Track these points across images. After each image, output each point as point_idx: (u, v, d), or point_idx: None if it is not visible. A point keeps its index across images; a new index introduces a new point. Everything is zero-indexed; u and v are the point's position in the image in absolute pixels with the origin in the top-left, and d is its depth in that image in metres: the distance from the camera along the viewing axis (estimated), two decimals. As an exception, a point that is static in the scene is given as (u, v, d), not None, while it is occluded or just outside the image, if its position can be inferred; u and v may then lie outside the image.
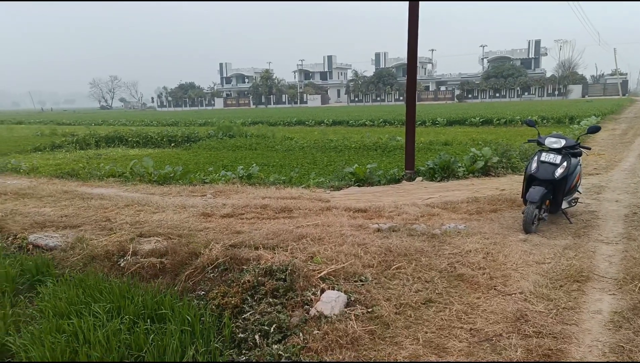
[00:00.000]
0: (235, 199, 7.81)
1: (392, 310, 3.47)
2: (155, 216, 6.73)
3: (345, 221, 6.02)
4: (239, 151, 16.29)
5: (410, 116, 9.45)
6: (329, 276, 4.07)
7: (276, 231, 5.48)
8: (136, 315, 3.68)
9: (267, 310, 3.62)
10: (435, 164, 9.37)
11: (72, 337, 3.33)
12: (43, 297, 4.14)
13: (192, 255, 4.88)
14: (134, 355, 3.16)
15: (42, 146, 19.14)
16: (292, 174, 10.30)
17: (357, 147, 15.65)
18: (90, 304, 3.85)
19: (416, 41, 9.14)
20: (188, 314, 3.60)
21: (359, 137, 19.20)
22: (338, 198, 7.97)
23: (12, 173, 11.98)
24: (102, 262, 5.06)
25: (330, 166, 12.07)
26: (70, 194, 8.57)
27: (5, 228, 6.36)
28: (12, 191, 8.95)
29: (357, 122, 30.82)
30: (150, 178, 10.27)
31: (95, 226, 6.32)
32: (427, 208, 6.61)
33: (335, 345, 3.02)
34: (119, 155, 16.46)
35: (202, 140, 19.96)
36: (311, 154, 14.47)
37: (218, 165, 12.44)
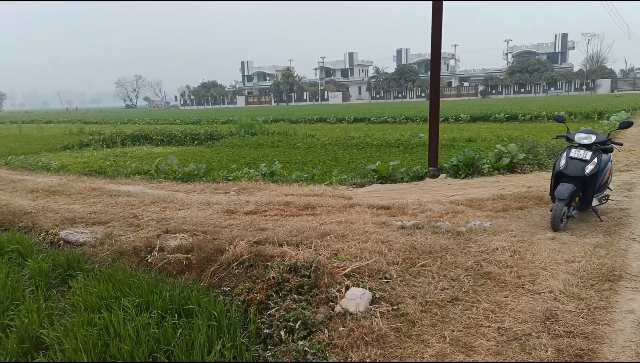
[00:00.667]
0: (258, 197, 7.86)
1: (417, 307, 3.44)
2: (180, 213, 6.83)
3: (368, 219, 6.00)
4: (261, 148, 16.39)
5: (434, 112, 9.34)
6: (353, 273, 4.06)
7: (300, 228, 5.49)
8: (164, 310, 3.75)
9: (292, 306, 3.64)
10: (459, 161, 9.25)
11: (103, 331, 3.41)
12: (74, 291, 4.25)
13: (217, 251, 4.93)
14: (163, 348, 3.21)
15: (70, 145, 19.63)
16: (315, 172, 10.31)
17: (379, 144, 15.56)
18: (119, 298, 3.94)
19: (440, 41, 9.03)
20: (214, 309, 3.64)
21: (380, 134, 19.10)
22: (361, 195, 7.95)
23: (42, 170, 12.33)
24: (130, 258, 5.17)
25: (352, 163, 12.04)
26: (98, 192, 8.76)
27: (38, 224, 6.55)
28: (43, 188, 9.20)
29: (378, 119, 30.65)
30: (174, 175, 10.42)
31: (123, 223, 6.44)
32: (452, 206, 6.53)
33: (360, 342, 3.02)
34: (144, 153, 16.76)
35: (224, 138, 20.15)
36: (333, 152, 14.45)
37: (241, 162, 12.54)
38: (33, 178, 10.94)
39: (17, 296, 4.17)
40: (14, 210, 7.28)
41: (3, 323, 3.75)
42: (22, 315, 3.78)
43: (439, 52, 9.13)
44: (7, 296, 4.10)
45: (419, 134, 17.00)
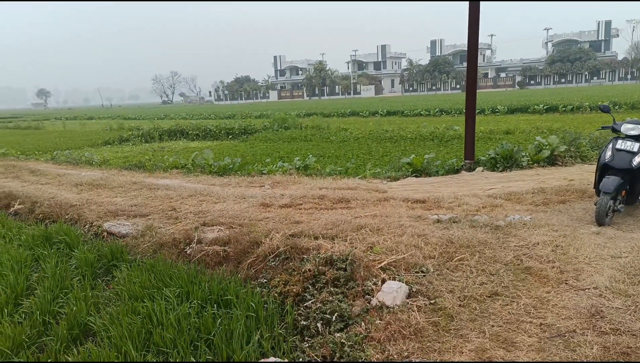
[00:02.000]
0: (292, 190, 7.92)
1: (455, 302, 3.39)
2: (217, 206, 6.96)
3: (403, 212, 5.95)
4: (295, 142, 16.48)
5: (470, 104, 9.14)
6: (389, 266, 4.04)
7: (335, 222, 5.50)
8: (203, 300, 3.84)
9: (329, 298, 3.66)
10: (496, 154, 9.03)
11: (146, 319, 3.53)
12: (118, 281, 4.41)
13: (253, 243, 5.00)
14: (203, 337, 3.30)
15: (111, 140, 20.31)
16: (348, 165, 10.30)
17: (413, 137, 15.39)
18: (161, 288, 4.06)
19: (477, 39, 8.84)
20: (252, 300, 3.70)
21: (414, 127, 18.86)
22: (395, 188, 7.89)
23: (85, 165, 12.81)
24: (169, 249, 5.31)
25: (386, 156, 11.95)
26: (138, 185, 9.03)
27: (83, 216, 6.81)
28: (87, 182, 9.56)
29: (412, 112, 30.28)
30: (210, 169, 10.62)
31: (162, 215, 6.62)
32: (489, 199, 6.40)
33: (398, 336, 3.01)
34: (181, 147, 17.14)
35: (258, 132, 20.38)
36: (366, 145, 14.39)
37: (275, 156, 12.66)
38: (77, 172, 11.38)
39: (66, 285, 4.36)
40: (60, 203, 7.60)
41: (53, 310, 3.94)
42: (71, 302, 3.96)
43: (475, 51, 8.93)
44: (56, 285, 4.30)
45: (454, 127, 16.70)
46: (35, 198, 8.17)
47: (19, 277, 4.48)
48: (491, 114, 26.11)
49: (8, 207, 8.14)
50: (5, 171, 11.88)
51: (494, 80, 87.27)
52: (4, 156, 15.50)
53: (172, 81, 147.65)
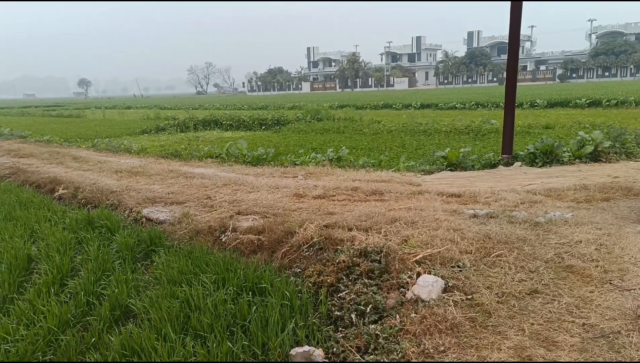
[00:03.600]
0: (325, 181, 7.92)
1: (493, 298, 3.33)
2: (250, 196, 7.04)
3: (438, 206, 5.86)
4: (327, 134, 16.46)
5: (510, 96, 8.89)
6: (424, 260, 4.00)
7: (368, 214, 5.47)
8: (239, 287, 3.90)
9: (363, 290, 3.66)
10: (536, 149, 8.76)
11: (184, 303, 3.62)
12: (157, 266, 4.53)
13: (287, 233, 5.04)
14: (239, 323, 3.36)
15: (148, 129, 20.81)
16: (382, 158, 10.22)
17: (447, 131, 15.12)
18: (198, 274, 4.15)
19: (518, 39, 8.60)
20: (286, 289, 3.74)
21: (449, 120, 18.52)
22: (429, 182, 7.78)
23: (124, 152, 13.19)
24: (205, 237, 5.41)
25: (419, 149, 11.80)
26: (174, 173, 9.23)
27: (123, 202, 7.03)
28: (126, 169, 9.84)
29: (446, 105, 29.73)
30: (244, 159, 10.75)
31: (198, 203, 6.75)
32: (528, 195, 6.22)
33: (434, 330, 2.97)
34: (215, 137, 17.41)
35: (291, 123, 20.46)
36: (400, 138, 14.23)
37: (307, 148, 12.68)
38: (117, 159, 11.74)
39: (108, 268, 4.52)
40: (101, 189, 7.86)
41: (96, 292, 4.09)
42: (113, 285, 4.10)
43: (516, 49, 8.69)
44: (99, 267, 4.46)
45: (490, 121, 16.31)
46: (78, 184, 8.48)
47: (64, 259, 4.67)
48: (530, 108, 25.34)
49: (53, 191, 8.48)
50: (50, 157, 12.37)
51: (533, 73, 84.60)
52: (49, 143, 16.14)
53: (206, 71, 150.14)
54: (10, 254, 4.84)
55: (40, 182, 9.14)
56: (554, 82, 74.82)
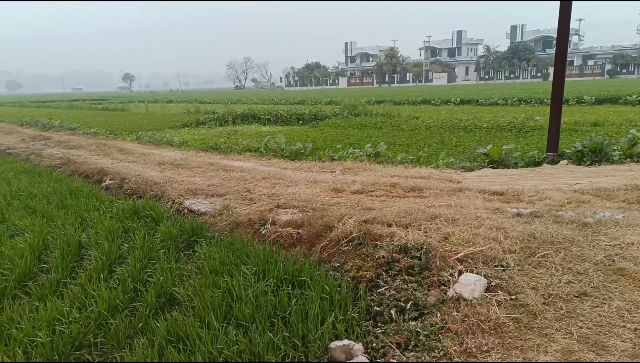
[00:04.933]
0: (363, 177, 7.90)
1: (539, 299, 3.24)
2: (289, 190, 7.10)
3: (479, 204, 5.74)
4: (365, 129, 16.37)
5: (557, 92, 8.57)
6: (466, 258, 3.93)
7: (407, 210, 5.42)
8: (278, 279, 3.95)
9: (403, 286, 3.63)
10: (584, 147, 8.43)
11: (226, 293, 3.70)
12: (199, 255, 4.65)
13: (326, 227, 5.06)
14: (279, 315, 3.40)
15: (189, 123, 21.27)
16: (420, 154, 10.08)
17: (488, 127, 14.74)
18: (239, 265, 4.23)
19: (567, 39, 8.32)
20: (326, 283, 3.76)
21: (490, 116, 18.07)
22: (470, 179, 7.62)
23: (166, 145, 13.56)
24: (245, 229, 5.50)
25: (459, 146, 11.56)
26: (214, 166, 9.42)
27: (166, 193, 7.24)
28: (169, 161, 10.13)
29: (487, 101, 28.97)
30: (282, 153, 10.84)
31: (238, 196, 6.87)
32: (575, 194, 6.00)
33: (476, 329, 2.92)
34: (253, 131, 17.62)
35: (328, 118, 20.46)
36: (439, 134, 13.99)
37: (345, 143, 12.66)
38: (159, 151, 12.08)
39: (153, 256, 4.67)
40: (146, 180, 8.12)
41: (143, 279, 4.24)
42: (158, 273, 4.24)
43: (565, 45, 8.38)
44: (144, 256, 4.62)
45: (534, 117, 15.78)
46: (123, 175, 8.80)
47: (112, 246, 4.86)
48: (576, 105, 24.36)
49: (100, 182, 8.83)
50: (97, 149, 12.87)
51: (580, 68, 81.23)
52: (95, 135, 16.79)
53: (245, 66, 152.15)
54: (63, 240, 5.08)
55: (88, 172, 9.54)
56: (602, 78, 71.60)
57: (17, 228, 5.81)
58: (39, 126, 21.10)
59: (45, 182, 8.48)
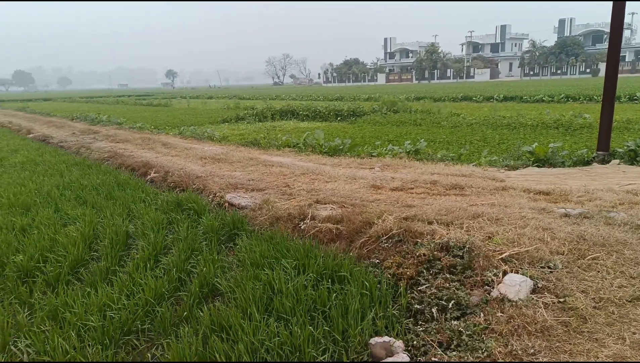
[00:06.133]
0: (403, 174, 7.82)
1: (589, 303, 3.11)
2: (328, 185, 7.12)
3: (525, 203, 5.57)
4: (404, 126, 16.19)
5: (610, 87, 8.18)
6: (510, 258, 3.83)
7: (449, 208, 5.33)
8: (318, 274, 3.97)
9: (444, 285, 3.58)
10: (637, 146, 8.03)
11: (266, 286, 3.76)
12: (240, 248, 4.74)
13: (365, 224, 5.05)
14: (320, 309, 3.42)
15: (229, 118, 21.65)
16: (462, 151, 9.88)
17: (534, 125, 14.27)
18: (279, 259, 4.28)
19: (620, 40, 7.94)
20: (365, 279, 3.75)
21: (536, 114, 17.49)
22: (514, 178, 7.40)
23: (207, 140, 13.86)
24: (285, 223, 5.56)
25: (502, 144, 11.26)
26: (254, 161, 9.56)
27: (207, 187, 7.40)
28: (210, 156, 10.35)
29: (532, 97, 28.03)
30: (321, 149, 10.87)
31: (277, 191, 6.94)
32: (628, 195, 5.72)
33: (522, 331, 2.85)
34: (291, 127, 17.75)
35: (366, 115, 20.35)
36: (481, 131, 13.66)
37: (384, 139, 12.56)
38: (201, 146, 12.36)
39: (196, 248, 4.80)
40: (188, 173, 8.34)
41: (187, 269, 4.36)
42: (201, 264, 4.35)
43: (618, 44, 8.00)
44: (188, 247, 4.74)
45: (583, 115, 15.14)
46: (167, 168, 9.06)
47: (158, 237, 5.02)
48: (628, 102, 23.19)
49: (145, 175, 9.13)
50: (142, 142, 13.31)
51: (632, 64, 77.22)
52: (141, 130, 17.35)
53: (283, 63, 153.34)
54: (111, 230, 5.29)
55: (134, 165, 9.88)
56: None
57: (70, 217, 6.10)
58: (88, 120, 22.01)
59: (95, 174, 8.85)
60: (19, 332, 3.43)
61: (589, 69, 78.98)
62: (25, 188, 7.81)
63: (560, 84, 44.07)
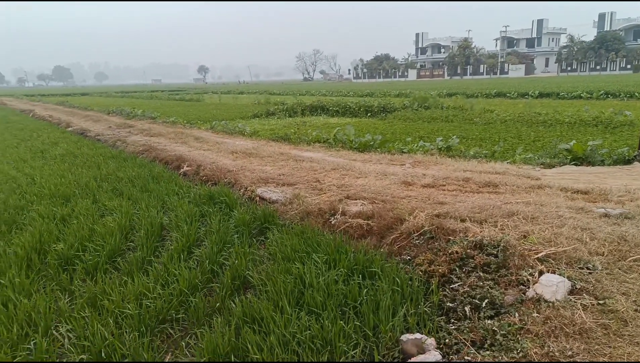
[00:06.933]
0: (434, 171, 7.71)
1: (630, 306, 3.00)
2: (358, 181, 7.09)
3: (561, 202, 5.41)
4: (435, 122, 15.97)
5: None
6: (547, 258, 3.73)
7: (482, 206, 5.23)
8: (349, 269, 3.97)
9: (478, 283, 3.52)
10: (683, 145, 7.67)
11: (297, 280, 3.78)
12: (271, 242, 4.78)
13: (396, 220, 5.01)
14: (350, 304, 3.42)
15: (259, 113, 21.84)
16: (495, 149, 9.67)
17: (571, 122, 13.83)
18: (310, 253, 4.30)
19: None
20: (397, 276, 3.73)
21: (573, 110, 16.94)
22: (550, 176, 7.20)
23: (238, 135, 14.03)
24: (315, 218, 5.57)
25: (538, 141, 10.96)
26: (285, 156, 9.62)
27: (239, 181, 7.50)
28: (241, 150, 10.47)
29: (570, 94, 27.17)
30: (351, 145, 10.84)
31: (307, 186, 6.97)
32: (673, 196, 5.48)
33: (559, 333, 2.77)
34: (321, 123, 17.76)
35: (397, 111, 20.17)
36: (515, 129, 13.34)
37: (414, 136, 12.43)
38: (232, 140, 12.52)
39: (228, 240, 4.87)
40: (220, 167, 8.46)
41: (219, 261, 4.43)
42: (232, 256, 4.41)
43: None
44: (220, 240, 4.82)
45: (624, 112, 14.57)
46: (199, 162, 9.22)
47: (191, 229, 5.12)
48: (673, 99, 22.19)
49: (178, 168, 9.32)
50: (175, 136, 13.58)
51: (678, 59, 73.74)
52: (174, 124, 17.71)
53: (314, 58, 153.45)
54: (147, 221, 5.43)
55: (168, 159, 10.09)
56: None
57: (107, 208, 6.29)
58: (124, 114, 22.61)
59: (130, 167, 9.09)
60: (60, 317, 3.57)
61: (630, 65, 75.87)
62: (65, 180, 8.10)
63: (600, 81, 42.49)
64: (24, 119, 24.74)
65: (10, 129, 18.61)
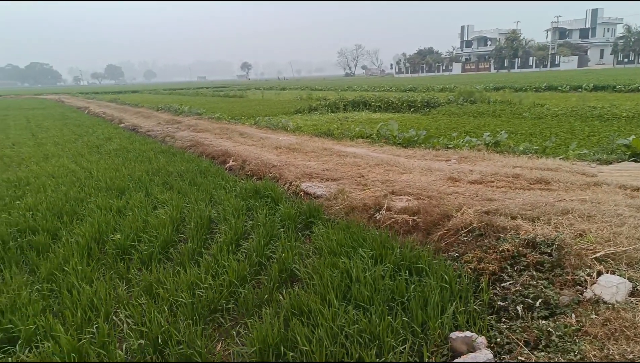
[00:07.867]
0: (482, 166, 7.52)
1: (698, 311, 2.84)
2: (403, 177, 7.02)
3: (620, 200, 5.15)
4: (481, 117, 15.55)
5: None
6: (605, 258, 3.57)
7: (533, 203, 5.06)
8: (395, 265, 3.95)
9: (530, 282, 3.42)
10: None
11: (344, 274, 3.80)
12: (317, 236, 4.82)
13: (443, 216, 4.93)
14: (398, 300, 3.41)
15: (301, 109, 21.96)
16: (547, 144, 9.30)
17: (629, 116, 13.12)
18: (356, 248, 4.31)
19: None
20: (445, 273, 3.67)
21: (631, 104, 16.07)
22: (607, 173, 6.86)
23: (281, 130, 14.18)
24: (360, 213, 5.57)
25: (593, 136, 10.46)
26: (328, 151, 9.64)
27: (283, 176, 7.59)
28: (284, 145, 10.59)
29: (627, 87, 25.74)
30: (394, 140, 10.73)
31: (352, 181, 6.96)
32: None
33: (620, 335, 2.65)
34: (364, 118, 17.67)
35: (441, 105, 19.78)
36: (568, 123, 12.78)
37: (460, 131, 12.15)
38: (275, 136, 12.67)
39: (274, 234, 4.95)
40: (265, 162, 8.59)
41: (266, 254, 4.52)
42: (279, 250, 4.48)
43: None
44: (267, 233, 4.91)
45: (688, 105, 13.66)
46: (244, 157, 9.40)
47: (238, 222, 5.24)
48: None
49: (224, 163, 9.54)
50: (221, 132, 13.90)
51: None
52: (219, 120, 18.11)
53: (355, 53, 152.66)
54: (196, 214, 5.60)
55: (214, 154, 10.35)
56: None
57: (159, 201, 6.53)
58: (172, 111, 23.34)
59: (179, 161, 9.39)
60: (119, 304, 3.75)
61: (696, 55, 70.99)
62: (119, 173, 8.47)
63: (661, 72, 40.04)
64: (80, 115, 26.01)
65: (68, 125, 19.61)
